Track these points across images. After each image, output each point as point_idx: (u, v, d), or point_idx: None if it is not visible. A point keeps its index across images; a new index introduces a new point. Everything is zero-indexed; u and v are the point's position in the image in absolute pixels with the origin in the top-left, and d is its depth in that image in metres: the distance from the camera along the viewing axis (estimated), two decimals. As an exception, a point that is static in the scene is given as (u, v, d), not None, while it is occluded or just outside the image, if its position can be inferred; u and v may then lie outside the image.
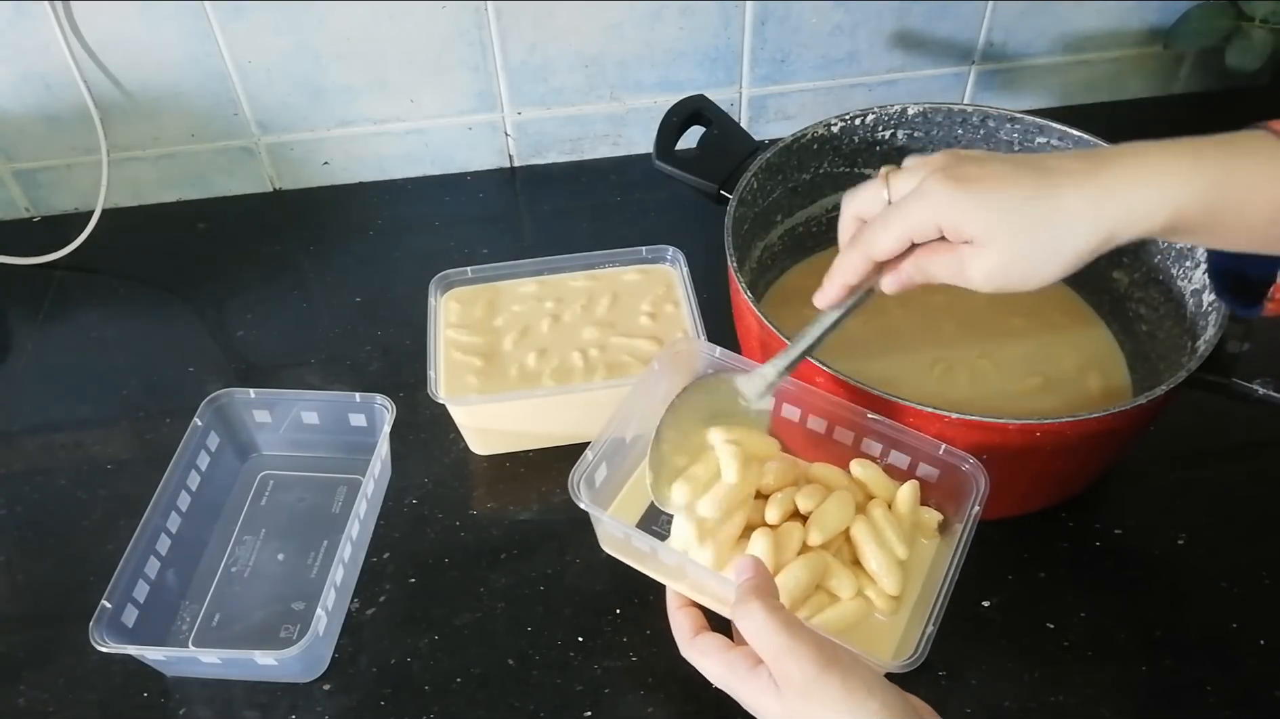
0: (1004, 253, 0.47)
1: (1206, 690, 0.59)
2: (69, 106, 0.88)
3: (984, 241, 0.47)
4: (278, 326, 0.85)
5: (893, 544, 0.56)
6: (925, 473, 0.59)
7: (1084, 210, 0.46)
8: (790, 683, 0.46)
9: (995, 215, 0.47)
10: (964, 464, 0.57)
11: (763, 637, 0.47)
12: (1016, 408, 0.68)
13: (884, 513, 0.57)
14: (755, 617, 0.47)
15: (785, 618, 0.47)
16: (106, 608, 0.59)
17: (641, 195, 0.96)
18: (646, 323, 0.74)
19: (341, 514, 0.70)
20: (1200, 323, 0.65)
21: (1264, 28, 0.89)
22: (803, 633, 0.46)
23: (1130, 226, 0.46)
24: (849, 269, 0.53)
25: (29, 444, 0.77)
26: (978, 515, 0.56)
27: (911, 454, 0.59)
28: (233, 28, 0.85)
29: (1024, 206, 0.47)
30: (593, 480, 0.58)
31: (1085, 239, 0.46)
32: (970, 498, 0.56)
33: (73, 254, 0.89)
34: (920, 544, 0.59)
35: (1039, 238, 0.47)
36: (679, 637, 0.54)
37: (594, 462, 0.57)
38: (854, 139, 0.77)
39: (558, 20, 0.88)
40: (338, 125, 0.93)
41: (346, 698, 0.61)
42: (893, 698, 0.45)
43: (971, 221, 0.47)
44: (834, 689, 0.45)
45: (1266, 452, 0.72)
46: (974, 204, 0.47)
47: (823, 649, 0.46)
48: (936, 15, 0.93)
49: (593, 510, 0.56)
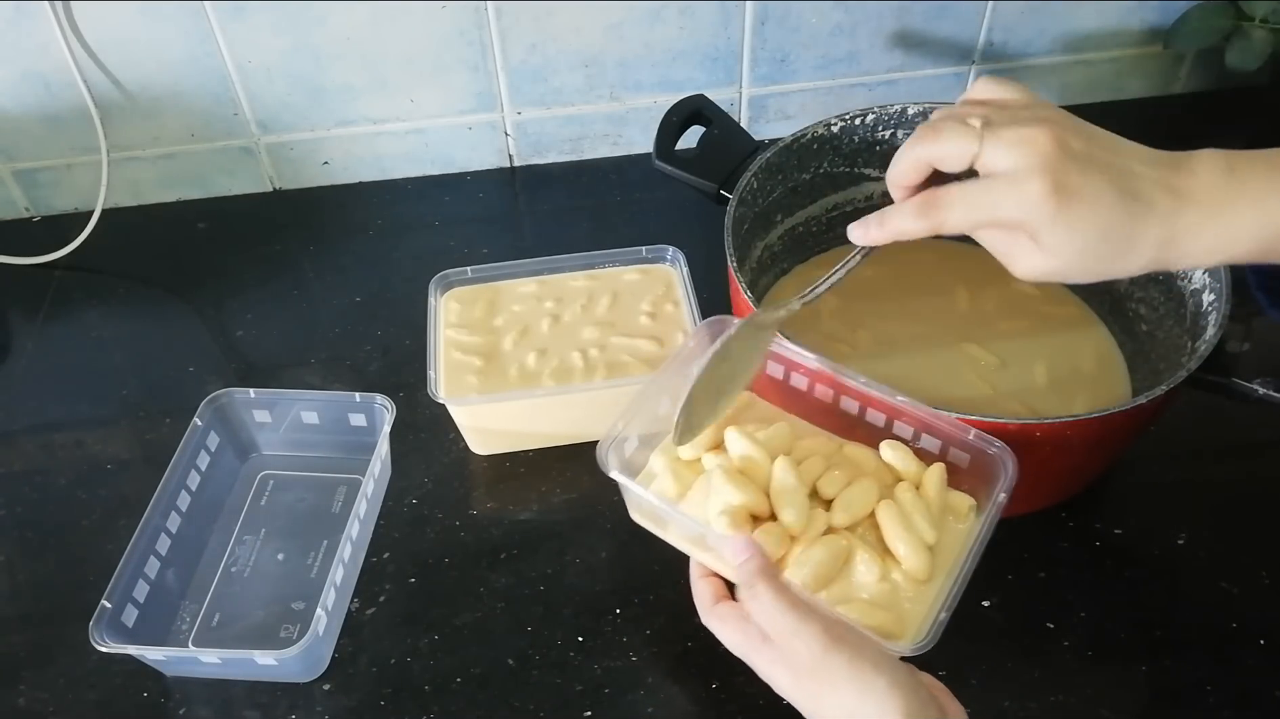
0: (1061, 264, 0.47)
1: (1206, 690, 0.59)
2: (69, 106, 0.88)
3: (1050, 250, 0.47)
4: (278, 326, 0.85)
5: (920, 527, 0.55)
6: (956, 458, 0.59)
7: (1151, 251, 0.47)
8: (798, 661, 0.46)
9: (1074, 236, 0.46)
10: (990, 448, 0.57)
11: (771, 617, 0.47)
12: (1017, 408, 0.69)
13: (912, 496, 0.56)
14: (763, 598, 0.48)
15: (792, 598, 0.47)
16: (106, 608, 0.59)
17: (641, 195, 0.96)
18: (646, 323, 0.74)
19: (341, 514, 0.70)
20: (1200, 323, 0.65)
21: (1264, 28, 0.89)
22: (809, 613, 0.47)
23: (1183, 264, 0.48)
24: (908, 228, 0.50)
25: (29, 444, 0.77)
26: (1003, 503, 0.55)
27: (943, 438, 0.59)
28: (233, 28, 0.85)
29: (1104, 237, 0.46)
30: (622, 450, 0.59)
31: (1139, 269, 0.48)
32: (997, 484, 0.56)
33: (73, 254, 0.89)
34: (953, 528, 0.57)
35: (1100, 266, 0.47)
36: (700, 604, 0.55)
37: (623, 431, 0.58)
38: (854, 139, 0.77)
39: (558, 20, 0.88)
40: (337, 125, 0.93)
41: (346, 698, 0.61)
42: (902, 675, 0.46)
43: (1052, 235, 0.46)
44: (841, 668, 0.45)
45: (1266, 452, 0.72)
46: (1063, 223, 0.46)
47: (829, 629, 0.46)
48: (936, 15, 0.93)
49: (621, 479, 0.56)
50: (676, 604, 0.64)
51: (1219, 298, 0.63)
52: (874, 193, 0.81)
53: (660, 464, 0.60)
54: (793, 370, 0.62)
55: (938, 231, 0.49)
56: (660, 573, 0.65)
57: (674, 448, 0.59)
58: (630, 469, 0.60)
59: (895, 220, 0.51)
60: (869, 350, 0.73)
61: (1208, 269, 0.65)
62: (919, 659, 0.50)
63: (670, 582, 0.64)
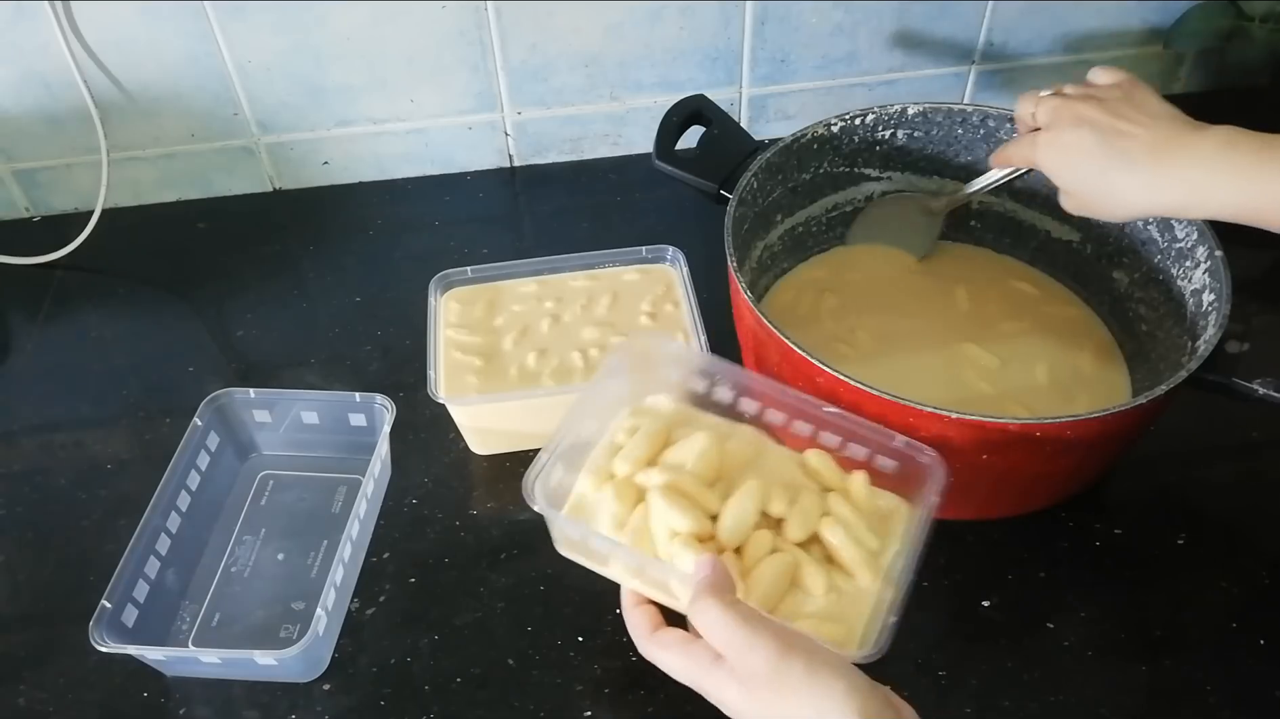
0: (1080, 205, 0.63)
1: (1206, 690, 0.59)
2: (69, 106, 0.88)
3: (1066, 192, 0.63)
4: (278, 326, 0.85)
5: (862, 536, 0.55)
6: (883, 464, 0.58)
7: (1140, 193, 0.59)
8: (754, 675, 0.45)
9: (1073, 183, 0.62)
10: (921, 455, 0.56)
11: (721, 632, 0.46)
12: (1017, 408, 0.69)
13: (849, 507, 0.56)
14: (711, 612, 0.46)
15: (743, 611, 0.46)
16: (106, 608, 0.59)
17: (641, 195, 0.95)
18: (646, 323, 0.74)
19: (341, 514, 0.70)
20: (1200, 323, 0.65)
21: (1264, 28, 0.89)
22: (761, 624, 0.46)
23: (1183, 214, 0.61)
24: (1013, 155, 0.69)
25: (29, 444, 0.77)
26: (934, 506, 0.54)
27: (869, 446, 0.58)
28: (233, 28, 0.85)
29: (1092, 181, 0.60)
30: (548, 482, 0.56)
31: (1144, 208, 0.60)
32: (927, 484, 0.55)
33: (73, 254, 0.89)
34: (891, 532, 0.56)
35: (1105, 206, 0.61)
36: (636, 634, 0.53)
37: (549, 463, 0.55)
38: (854, 139, 0.77)
39: (558, 20, 0.88)
40: (337, 125, 0.93)
41: (346, 698, 0.61)
42: (859, 680, 0.45)
43: (1059, 179, 0.63)
44: (797, 674, 0.44)
45: (1266, 452, 0.72)
46: (1057, 168, 0.62)
47: (782, 638, 0.45)
48: (936, 15, 0.93)
49: (547, 512, 0.54)
50: (676, 604, 0.64)
51: (1219, 298, 0.63)
52: (874, 192, 0.81)
53: (588, 485, 0.57)
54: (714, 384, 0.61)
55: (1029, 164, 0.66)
56: (660, 573, 0.65)
57: (606, 466, 0.57)
58: (556, 496, 0.57)
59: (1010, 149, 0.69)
60: (869, 350, 0.73)
61: (1208, 269, 0.65)
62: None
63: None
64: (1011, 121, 0.74)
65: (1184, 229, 0.68)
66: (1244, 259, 0.64)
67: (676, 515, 0.53)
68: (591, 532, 0.55)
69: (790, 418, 0.60)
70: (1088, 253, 0.77)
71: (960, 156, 0.78)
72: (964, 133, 0.77)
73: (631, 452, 0.57)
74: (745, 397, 0.61)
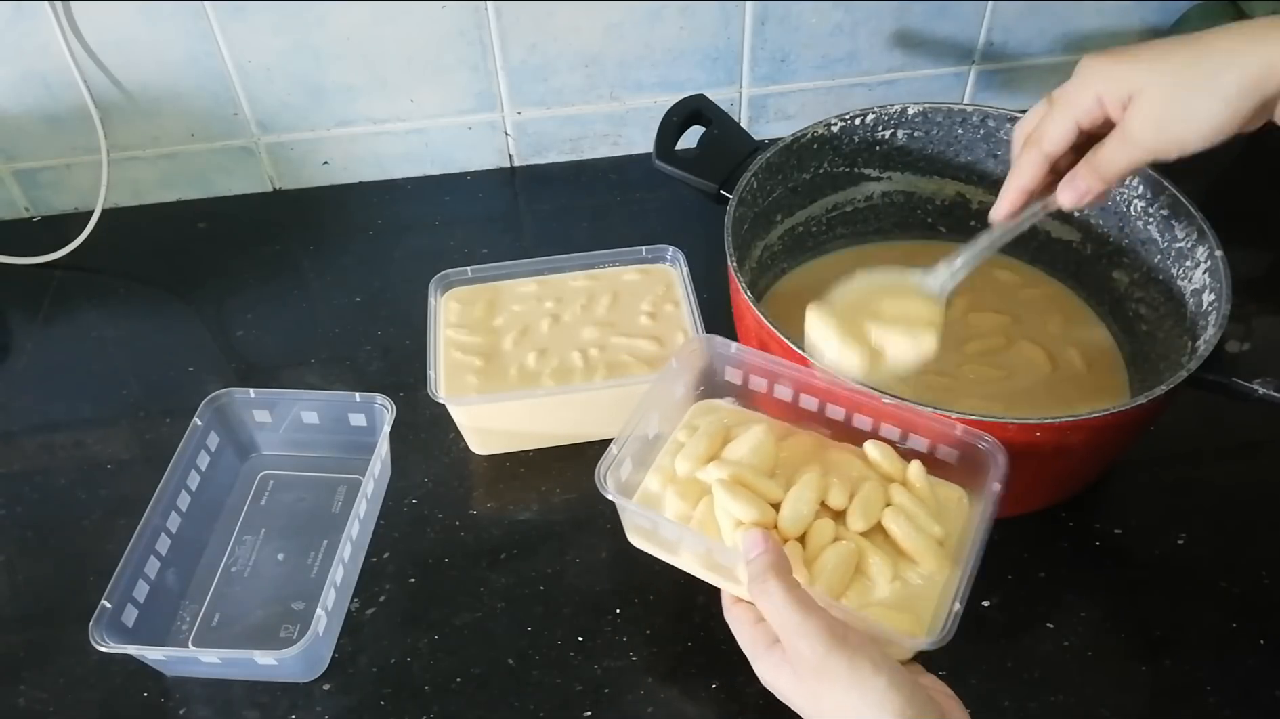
0: (1160, 95, 0.51)
1: (1206, 690, 0.59)
2: (69, 106, 0.88)
3: (1140, 89, 0.51)
4: (278, 326, 0.85)
5: (926, 524, 0.55)
6: (944, 454, 0.59)
7: (1234, 47, 0.49)
8: (802, 660, 0.47)
9: (1146, 66, 0.51)
10: (980, 442, 0.57)
11: (779, 614, 0.48)
12: (1017, 408, 0.69)
13: (909, 495, 0.57)
14: (774, 595, 0.48)
15: (800, 596, 0.48)
16: (106, 608, 0.59)
17: (641, 195, 0.96)
18: (646, 323, 0.74)
19: (341, 514, 0.70)
20: (1200, 323, 0.65)
21: (1264, 28, 0.89)
22: (816, 612, 0.47)
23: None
24: (1024, 171, 0.56)
25: (29, 444, 0.77)
26: (998, 492, 0.55)
27: (929, 436, 0.59)
28: (233, 28, 0.85)
29: (1173, 53, 0.51)
30: (619, 474, 0.58)
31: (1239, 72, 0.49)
32: (989, 474, 0.56)
33: (73, 254, 0.89)
34: (953, 521, 0.57)
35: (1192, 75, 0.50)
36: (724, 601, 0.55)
37: (619, 456, 0.57)
38: (854, 139, 0.77)
39: (558, 20, 0.88)
40: (337, 125, 0.93)
41: (346, 698, 0.61)
42: (901, 677, 0.46)
43: (1127, 78, 0.51)
44: (841, 668, 0.45)
45: (1266, 451, 0.72)
46: (1127, 65, 0.52)
47: (833, 629, 0.46)
48: (936, 15, 0.93)
49: (619, 501, 0.56)
50: (676, 604, 0.64)
51: (1219, 298, 0.63)
52: (874, 192, 0.81)
53: (654, 483, 0.59)
54: (775, 382, 0.62)
55: (1047, 155, 0.56)
56: (660, 572, 0.64)
57: (671, 466, 0.59)
58: (626, 490, 0.59)
59: (1013, 176, 0.58)
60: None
61: (1208, 269, 0.65)
62: (922, 658, 0.50)
63: (670, 581, 0.63)
64: (1011, 121, 0.74)
65: (1184, 229, 0.68)
66: (1244, 259, 0.64)
67: (739, 505, 0.54)
68: (662, 519, 0.56)
69: (850, 411, 0.61)
70: (1087, 253, 0.77)
71: (960, 156, 0.78)
72: (964, 133, 0.77)
73: (692, 450, 0.58)
74: (805, 393, 0.62)
